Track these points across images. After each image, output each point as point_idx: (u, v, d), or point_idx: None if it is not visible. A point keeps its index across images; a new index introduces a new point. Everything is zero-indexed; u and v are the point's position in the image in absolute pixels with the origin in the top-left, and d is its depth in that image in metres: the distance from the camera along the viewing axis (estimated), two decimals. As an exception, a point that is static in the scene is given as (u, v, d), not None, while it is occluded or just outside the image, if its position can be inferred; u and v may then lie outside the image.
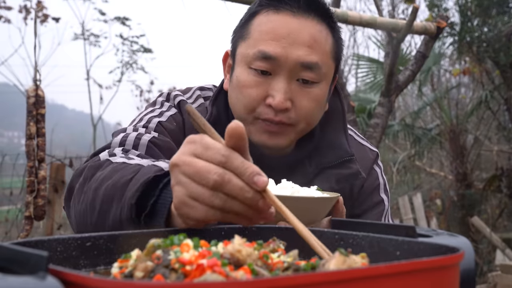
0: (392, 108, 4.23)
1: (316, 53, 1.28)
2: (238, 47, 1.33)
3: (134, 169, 1.01)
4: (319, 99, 1.32)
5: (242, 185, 0.78)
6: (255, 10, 1.32)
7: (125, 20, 10.47)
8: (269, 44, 1.26)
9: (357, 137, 1.53)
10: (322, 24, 1.30)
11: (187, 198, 0.81)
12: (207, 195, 0.79)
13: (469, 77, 8.77)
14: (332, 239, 0.80)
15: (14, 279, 0.50)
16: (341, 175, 1.37)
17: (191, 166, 0.80)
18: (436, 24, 3.88)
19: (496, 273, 4.66)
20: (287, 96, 1.27)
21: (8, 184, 5.58)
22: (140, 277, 0.61)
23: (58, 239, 0.75)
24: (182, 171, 0.81)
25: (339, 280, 0.53)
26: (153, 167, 0.98)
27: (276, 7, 1.28)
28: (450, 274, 0.61)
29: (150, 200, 0.93)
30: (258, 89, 1.28)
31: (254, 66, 1.27)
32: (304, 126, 1.33)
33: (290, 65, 1.26)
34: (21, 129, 3.38)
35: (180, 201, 0.82)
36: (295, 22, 1.27)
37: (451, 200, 7.57)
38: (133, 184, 0.96)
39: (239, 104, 1.31)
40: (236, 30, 1.37)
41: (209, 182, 0.78)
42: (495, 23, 6.49)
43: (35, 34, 3.49)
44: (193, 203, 0.81)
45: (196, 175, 0.80)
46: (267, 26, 1.28)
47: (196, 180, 0.80)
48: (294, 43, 1.26)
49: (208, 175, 0.78)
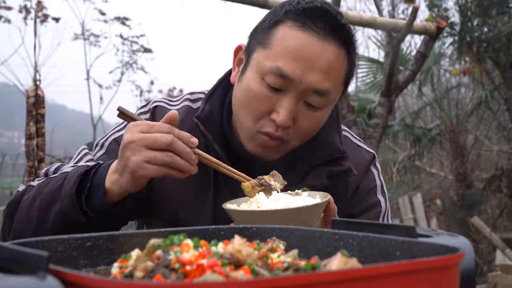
0: (392, 108, 4.23)
1: (329, 80, 1.28)
2: (255, 51, 1.32)
3: (62, 176, 1.24)
4: (320, 122, 1.35)
5: (183, 145, 1.13)
6: (281, 18, 1.30)
7: (125, 20, 10.48)
8: (288, 63, 1.26)
9: (354, 139, 1.53)
10: (342, 49, 1.30)
11: (143, 163, 1.11)
12: (159, 156, 1.11)
13: (469, 77, 8.77)
14: (332, 239, 0.80)
15: (14, 279, 0.50)
16: (332, 172, 1.39)
17: (145, 138, 1.11)
18: (436, 24, 3.88)
19: (496, 273, 4.66)
20: (292, 115, 1.29)
21: (8, 184, 5.58)
22: (140, 277, 0.61)
23: (58, 239, 0.76)
24: (138, 144, 1.11)
25: (339, 280, 0.53)
26: (79, 167, 1.22)
27: (303, 24, 1.27)
28: (450, 274, 0.61)
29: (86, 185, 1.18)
30: (266, 102, 1.29)
31: (268, 81, 1.27)
32: (297, 144, 1.36)
33: (302, 87, 1.27)
34: (21, 129, 3.38)
35: (137, 165, 1.11)
36: (318, 45, 1.26)
37: (451, 200, 7.57)
38: (67, 182, 1.19)
39: (246, 111, 1.32)
40: (257, 30, 1.35)
41: (163, 144, 1.10)
42: (495, 23, 6.49)
43: (35, 34, 3.49)
44: (149, 165, 1.11)
45: (151, 143, 1.11)
46: (290, 43, 1.26)
47: (150, 147, 1.11)
48: (312, 68, 1.26)
49: (162, 139, 1.11)
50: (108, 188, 1.17)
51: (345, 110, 4.09)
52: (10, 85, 8.65)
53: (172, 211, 1.36)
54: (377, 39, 9.61)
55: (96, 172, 1.20)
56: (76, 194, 1.17)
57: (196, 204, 1.37)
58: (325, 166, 1.39)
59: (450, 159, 7.90)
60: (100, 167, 1.21)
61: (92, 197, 1.18)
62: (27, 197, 1.28)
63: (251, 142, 1.34)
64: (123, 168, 1.14)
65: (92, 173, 1.19)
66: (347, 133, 1.53)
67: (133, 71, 11.19)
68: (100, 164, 1.23)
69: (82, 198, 1.17)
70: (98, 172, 1.20)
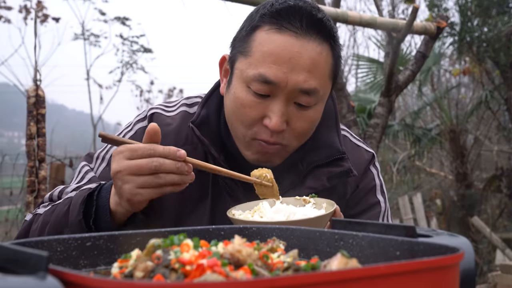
0: (392, 108, 4.23)
1: (315, 77, 1.27)
2: (237, 60, 1.32)
3: (66, 202, 1.25)
4: (313, 120, 1.33)
5: (171, 161, 1.11)
6: (257, 24, 1.28)
7: (125, 20, 10.48)
8: (270, 68, 1.24)
9: (353, 139, 1.53)
10: (324, 44, 1.28)
11: (136, 189, 1.11)
12: (149, 180, 1.11)
13: (469, 77, 8.78)
14: (332, 239, 0.80)
15: (14, 279, 0.50)
16: (332, 173, 1.38)
17: (131, 167, 1.10)
18: (436, 24, 3.88)
19: (496, 273, 4.66)
20: (284, 119, 1.28)
21: (8, 184, 5.58)
22: (140, 277, 0.61)
23: (58, 239, 0.76)
24: (126, 173, 1.10)
25: (339, 280, 0.53)
26: (82, 191, 1.23)
27: (279, 25, 1.26)
28: (450, 274, 0.61)
29: (92, 208, 1.19)
30: (256, 109, 1.28)
31: (253, 88, 1.26)
32: (296, 145, 1.35)
33: (289, 89, 1.25)
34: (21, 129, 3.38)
35: (131, 193, 1.12)
36: (297, 44, 1.24)
37: (451, 200, 7.57)
38: (72, 209, 1.20)
39: (237, 120, 1.32)
40: (237, 39, 1.34)
41: (150, 169, 1.10)
42: (495, 23, 6.49)
43: (35, 34, 3.49)
44: (142, 190, 1.11)
45: (138, 170, 1.10)
46: (269, 47, 1.25)
47: (138, 174, 1.10)
48: (295, 68, 1.24)
49: (147, 165, 1.10)
50: (113, 210, 1.19)
51: (345, 110, 4.09)
52: (10, 85, 8.64)
53: (171, 220, 1.35)
54: (377, 39, 9.62)
55: (99, 195, 1.21)
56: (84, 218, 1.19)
57: (195, 212, 1.37)
58: (325, 167, 1.39)
59: (450, 159, 7.90)
60: (102, 188, 1.23)
61: (99, 220, 1.20)
62: (35, 227, 1.29)
63: (249, 150, 1.33)
64: (119, 196, 1.16)
65: (95, 195, 1.21)
66: (346, 132, 1.53)
67: (133, 71, 11.20)
68: (102, 185, 1.24)
69: (90, 223, 1.19)
70: (101, 194, 1.21)
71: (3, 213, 5.64)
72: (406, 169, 8.76)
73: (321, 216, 1.12)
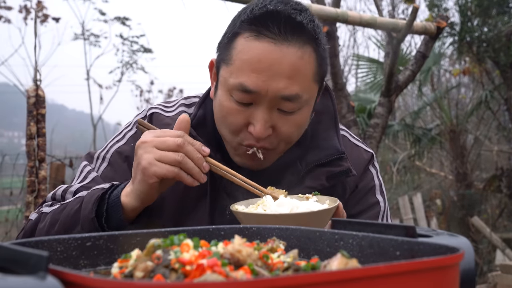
0: (392, 108, 4.23)
1: (296, 83, 1.25)
2: (221, 68, 1.31)
3: (77, 201, 1.26)
4: (300, 124, 1.32)
5: (194, 150, 1.19)
6: (237, 30, 1.28)
7: (125, 20, 10.47)
8: (250, 77, 1.23)
9: (352, 138, 1.53)
10: (305, 47, 1.26)
11: (154, 160, 1.16)
12: (170, 154, 1.16)
13: (469, 77, 8.78)
14: (332, 239, 0.80)
15: (14, 279, 0.50)
16: (331, 173, 1.38)
17: (158, 139, 1.18)
18: (436, 24, 3.88)
19: (496, 273, 4.66)
20: (268, 125, 1.27)
21: (8, 184, 5.58)
22: (140, 277, 0.61)
23: (58, 239, 0.76)
24: (150, 145, 1.17)
25: (339, 280, 0.53)
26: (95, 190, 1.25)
27: (257, 32, 1.24)
28: (450, 274, 0.61)
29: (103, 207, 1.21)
30: (239, 117, 1.28)
31: (235, 97, 1.26)
32: (285, 148, 1.34)
33: (270, 97, 1.24)
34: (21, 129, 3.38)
35: (149, 162, 1.16)
36: (276, 51, 1.23)
37: (451, 200, 7.57)
38: (84, 207, 1.21)
39: (223, 127, 1.32)
40: (221, 45, 1.34)
41: (174, 143, 1.17)
42: (495, 23, 6.49)
43: (35, 34, 3.49)
44: (159, 163, 1.16)
45: (162, 144, 1.17)
46: (248, 55, 1.24)
47: (161, 148, 1.17)
48: (275, 76, 1.23)
49: (172, 140, 1.18)
50: (123, 203, 1.21)
51: (345, 110, 4.09)
52: (10, 85, 8.64)
53: (170, 220, 1.35)
54: (377, 39, 9.62)
55: (111, 194, 1.24)
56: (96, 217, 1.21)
57: (195, 212, 1.37)
58: (324, 167, 1.38)
59: (450, 159, 7.90)
60: (115, 188, 1.25)
61: (111, 217, 1.22)
62: (42, 225, 1.29)
63: (237, 155, 1.33)
64: (136, 167, 1.19)
65: (108, 194, 1.23)
66: (345, 133, 1.53)
67: (133, 71, 11.20)
68: (116, 185, 1.26)
69: (102, 221, 1.21)
70: (114, 193, 1.24)
71: (3, 213, 5.64)
72: (406, 169, 8.76)
73: (324, 210, 1.12)
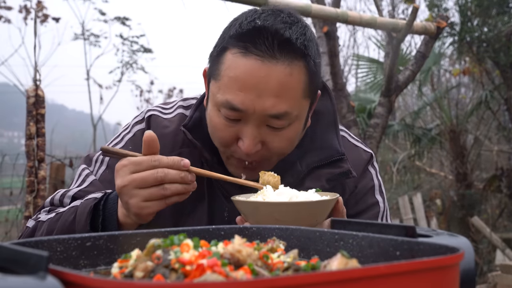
0: (392, 108, 4.23)
1: (285, 101, 1.23)
2: (210, 82, 1.31)
3: (72, 211, 1.24)
4: (291, 138, 1.31)
5: (175, 171, 1.12)
6: (226, 45, 1.25)
7: (125, 20, 10.47)
8: (237, 95, 1.21)
9: (351, 139, 1.52)
10: (294, 63, 1.22)
11: (143, 203, 1.11)
12: (155, 192, 1.11)
13: (469, 77, 8.78)
14: (332, 239, 0.80)
15: (14, 279, 0.50)
16: (331, 174, 1.37)
17: (136, 180, 1.10)
18: (436, 24, 3.87)
19: (496, 273, 4.66)
20: (257, 141, 1.26)
21: (8, 184, 5.58)
22: (140, 277, 0.61)
23: (58, 239, 0.76)
24: (131, 187, 1.10)
25: (339, 280, 0.53)
26: (87, 201, 1.23)
27: (245, 49, 1.21)
28: (450, 274, 0.61)
29: (99, 219, 1.20)
30: (228, 132, 1.27)
31: (223, 113, 1.25)
32: (278, 159, 1.34)
33: (257, 115, 1.23)
34: (21, 129, 3.38)
35: (138, 207, 1.12)
36: (263, 69, 1.20)
37: (451, 200, 7.56)
38: (78, 220, 1.20)
39: (214, 139, 1.32)
40: (211, 57, 1.32)
41: (155, 179, 1.10)
42: (495, 23, 6.49)
43: (35, 34, 3.49)
44: (149, 203, 1.12)
45: (143, 183, 1.10)
46: (235, 72, 1.22)
47: (144, 187, 1.11)
48: (262, 94, 1.21)
49: (152, 177, 1.10)
50: (122, 222, 1.19)
51: (345, 110, 4.09)
52: (10, 85, 8.64)
53: (170, 222, 1.35)
54: (377, 39, 9.63)
55: (105, 205, 1.22)
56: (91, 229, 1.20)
57: (194, 214, 1.37)
58: (324, 168, 1.38)
59: (450, 159, 7.90)
60: (108, 199, 1.23)
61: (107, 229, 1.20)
62: (39, 234, 1.29)
63: (230, 164, 1.34)
64: (127, 211, 1.16)
65: (102, 205, 1.21)
66: (345, 133, 1.52)
67: (133, 71, 11.19)
68: (108, 195, 1.24)
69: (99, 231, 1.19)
70: (108, 205, 1.21)
71: (3, 213, 5.64)
72: (406, 169, 8.76)
73: (323, 200, 1.13)
